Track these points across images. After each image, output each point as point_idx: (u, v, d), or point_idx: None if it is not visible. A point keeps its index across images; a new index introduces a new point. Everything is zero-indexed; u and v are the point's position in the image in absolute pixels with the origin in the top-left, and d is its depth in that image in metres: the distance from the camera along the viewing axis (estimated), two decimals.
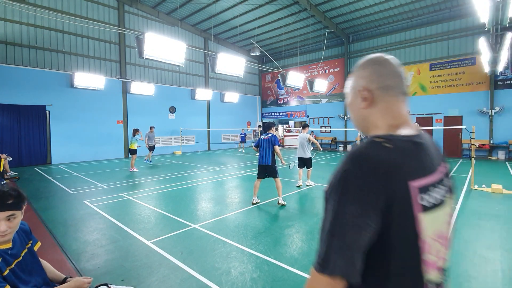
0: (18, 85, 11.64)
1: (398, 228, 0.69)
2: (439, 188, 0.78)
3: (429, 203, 0.73)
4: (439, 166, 0.82)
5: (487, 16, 6.12)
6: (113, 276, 2.96)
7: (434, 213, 0.75)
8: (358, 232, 0.66)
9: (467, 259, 3.24)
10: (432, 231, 0.75)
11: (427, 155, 0.78)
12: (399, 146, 0.73)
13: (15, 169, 10.44)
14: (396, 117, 0.84)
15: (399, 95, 0.85)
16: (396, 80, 0.85)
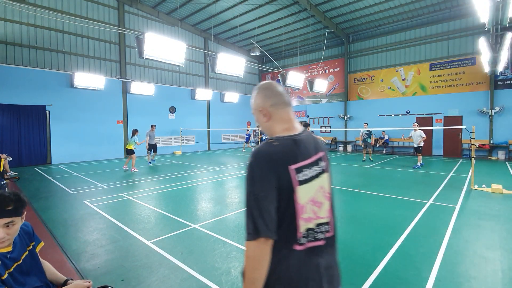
0: (18, 85, 11.64)
1: (284, 196, 1.07)
2: (312, 168, 1.17)
3: (303, 179, 1.12)
4: (314, 154, 1.22)
5: (487, 16, 6.12)
6: (113, 276, 2.96)
7: (308, 184, 1.13)
8: (267, 204, 1.03)
9: (467, 259, 3.24)
10: (307, 198, 1.13)
11: (303, 147, 1.17)
12: (283, 143, 1.13)
13: (15, 169, 10.44)
14: (285, 123, 1.24)
15: (285, 107, 1.25)
16: (279, 97, 1.25)
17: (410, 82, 15.54)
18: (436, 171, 9.56)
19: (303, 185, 1.11)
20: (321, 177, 1.21)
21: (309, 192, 1.14)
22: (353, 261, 3.21)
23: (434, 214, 4.89)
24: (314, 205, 1.16)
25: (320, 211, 1.19)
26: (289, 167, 1.09)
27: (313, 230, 1.15)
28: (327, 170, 1.27)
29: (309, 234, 1.14)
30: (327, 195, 1.23)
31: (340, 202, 5.79)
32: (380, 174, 9.23)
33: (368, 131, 12.43)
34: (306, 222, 1.13)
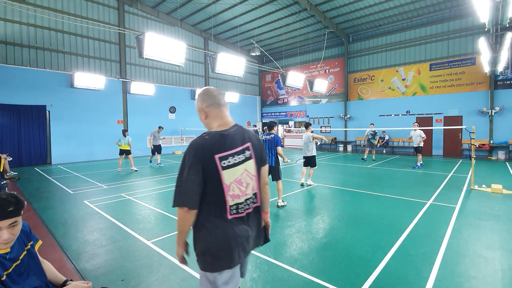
0: (18, 85, 11.64)
1: (210, 178, 1.42)
2: (236, 156, 1.49)
3: (227, 165, 1.45)
4: (241, 145, 1.52)
5: (487, 16, 6.12)
6: (113, 276, 2.95)
7: (232, 169, 1.47)
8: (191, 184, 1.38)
9: (467, 259, 3.24)
10: (232, 179, 1.47)
11: (229, 140, 1.49)
12: (212, 137, 1.46)
13: (15, 169, 10.44)
14: (219, 120, 1.57)
15: (218, 107, 1.59)
16: (213, 99, 1.58)
17: (410, 82, 15.54)
18: (436, 171, 9.56)
19: (227, 169, 1.46)
20: (246, 163, 1.55)
21: (234, 175, 1.49)
22: (353, 261, 3.21)
23: (434, 214, 4.89)
24: (240, 185, 1.51)
25: (247, 189, 1.56)
26: (215, 156, 1.43)
27: (242, 203, 1.53)
28: (252, 157, 1.59)
29: (238, 207, 1.51)
30: (252, 176, 1.58)
31: (340, 202, 5.79)
32: (380, 174, 9.23)
33: (373, 132, 12.62)
34: (233, 198, 1.49)
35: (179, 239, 1.53)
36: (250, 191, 1.57)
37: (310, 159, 7.29)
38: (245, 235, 1.53)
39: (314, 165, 7.34)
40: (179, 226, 1.49)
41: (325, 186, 7.35)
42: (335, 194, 6.48)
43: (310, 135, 7.25)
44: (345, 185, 7.35)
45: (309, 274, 2.92)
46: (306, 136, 7.30)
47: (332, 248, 3.58)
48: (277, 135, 5.52)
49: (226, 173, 1.45)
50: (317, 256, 3.36)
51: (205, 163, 1.41)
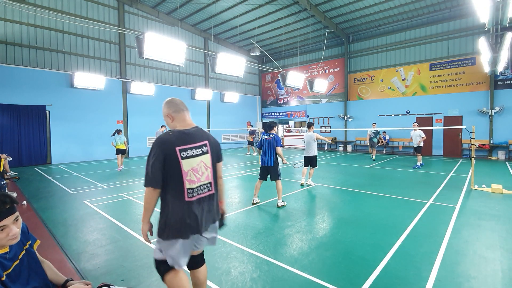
0: (18, 85, 11.64)
1: (171, 166, 1.79)
2: (194, 150, 1.89)
3: (186, 156, 1.83)
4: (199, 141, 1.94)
5: (487, 16, 6.12)
6: (113, 276, 2.95)
7: (190, 159, 1.85)
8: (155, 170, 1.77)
9: (467, 259, 3.24)
10: (189, 167, 1.85)
11: (189, 137, 1.90)
12: (175, 134, 1.86)
13: (15, 169, 10.44)
14: (182, 122, 1.98)
15: (181, 112, 1.99)
16: (177, 106, 1.99)
17: (410, 82, 15.54)
18: (436, 171, 9.56)
19: (186, 159, 1.84)
20: (203, 156, 1.95)
21: (191, 164, 1.87)
22: (353, 261, 3.21)
23: (434, 214, 4.88)
24: (196, 173, 1.89)
25: (202, 177, 1.93)
26: (176, 148, 1.82)
27: (196, 188, 1.90)
28: (209, 152, 2.00)
29: (193, 191, 1.88)
30: (208, 167, 1.97)
31: (340, 202, 5.79)
32: (380, 174, 9.23)
33: (375, 131, 12.82)
34: (190, 183, 1.86)
35: (145, 217, 1.92)
36: (205, 179, 1.96)
37: (311, 159, 7.27)
38: (198, 215, 1.89)
39: (315, 165, 7.32)
40: (146, 204, 1.88)
41: (325, 186, 7.35)
42: (335, 194, 6.48)
43: (313, 135, 7.22)
44: (345, 185, 7.35)
45: (309, 274, 2.92)
46: (309, 136, 7.26)
47: (332, 248, 3.58)
48: (277, 135, 5.50)
49: (185, 162, 1.85)
50: (317, 256, 3.36)
51: (168, 154, 1.81)
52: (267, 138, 5.48)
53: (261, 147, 5.57)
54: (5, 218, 1.37)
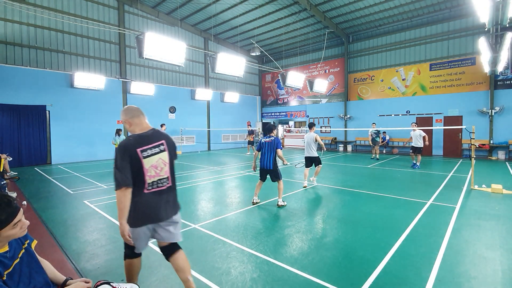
0: (18, 85, 11.64)
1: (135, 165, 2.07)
2: (153, 149, 2.16)
3: (146, 155, 2.11)
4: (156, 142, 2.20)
5: (487, 16, 6.12)
6: (113, 276, 2.96)
7: (149, 158, 2.13)
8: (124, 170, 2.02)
9: (467, 259, 3.24)
10: (150, 164, 2.13)
11: (146, 139, 2.17)
12: (134, 138, 2.15)
13: (15, 169, 10.44)
14: (139, 126, 2.23)
15: (138, 117, 2.24)
16: (134, 112, 2.24)
17: (410, 82, 15.54)
18: (436, 171, 9.56)
19: (146, 158, 2.13)
20: (161, 154, 2.22)
21: (151, 162, 2.15)
22: (353, 261, 3.21)
23: (434, 214, 4.89)
24: (156, 169, 2.18)
25: (161, 172, 2.22)
26: (136, 150, 2.10)
27: (157, 181, 2.19)
28: (166, 150, 2.27)
29: (153, 184, 2.17)
30: (166, 163, 2.26)
31: (340, 202, 5.79)
32: (380, 174, 9.23)
33: (376, 131, 13.01)
34: (151, 178, 2.15)
35: (122, 217, 2.04)
36: (164, 173, 2.25)
37: (313, 159, 7.23)
38: (158, 205, 2.19)
39: (319, 163, 7.28)
40: (120, 205, 2.02)
41: (325, 186, 7.34)
42: (335, 194, 6.48)
43: (314, 136, 7.15)
44: (345, 185, 7.35)
45: (309, 274, 2.92)
46: (310, 137, 7.18)
47: (332, 248, 3.58)
48: (277, 137, 5.51)
49: (146, 161, 2.13)
50: (317, 256, 3.36)
51: (131, 155, 2.08)
52: (266, 141, 5.48)
53: (260, 149, 5.56)
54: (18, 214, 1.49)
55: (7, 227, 1.43)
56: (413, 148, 10.64)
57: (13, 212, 1.46)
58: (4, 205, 1.43)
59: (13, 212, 1.46)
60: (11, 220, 1.45)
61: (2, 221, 1.41)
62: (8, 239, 1.50)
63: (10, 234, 1.46)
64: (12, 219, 1.45)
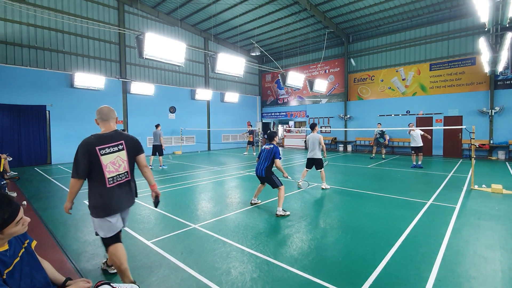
0: (18, 85, 11.64)
1: (93, 161, 2.38)
2: (111, 148, 2.47)
3: (104, 153, 2.41)
4: (116, 141, 2.51)
5: (487, 16, 6.12)
6: (113, 276, 2.96)
7: (108, 155, 2.44)
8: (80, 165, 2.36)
9: (467, 259, 3.24)
10: (108, 161, 2.44)
11: (106, 138, 2.49)
12: (95, 137, 2.45)
13: (15, 169, 10.44)
14: (104, 127, 2.58)
15: (105, 120, 2.58)
16: (102, 115, 2.57)
17: (410, 82, 15.54)
18: (436, 171, 9.56)
19: (104, 155, 2.41)
20: (119, 152, 2.52)
21: (109, 159, 2.44)
22: (353, 261, 3.21)
23: (434, 214, 4.89)
24: (114, 165, 2.47)
25: (119, 168, 2.52)
26: (95, 148, 2.38)
27: (116, 176, 2.49)
28: (124, 149, 2.57)
29: (113, 179, 2.47)
30: (124, 160, 2.56)
31: (340, 202, 5.79)
32: (380, 174, 9.23)
33: (381, 131, 13.12)
34: (110, 173, 2.45)
35: (69, 198, 2.50)
36: (122, 169, 2.56)
37: (317, 161, 7.00)
38: (118, 197, 2.52)
39: (321, 167, 6.98)
40: (71, 189, 2.44)
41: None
42: (335, 194, 6.48)
43: (319, 136, 6.91)
44: (345, 185, 7.35)
45: (309, 274, 2.92)
46: (314, 137, 6.95)
47: (332, 248, 3.58)
48: (276, 146, 5.22)
49: (104, 158, 2.42)
50: (317, 256, 3.36)
51: (90, 152, 2.38)
52: (266, 148, 5.20)
53: (259, 156, 5.32)
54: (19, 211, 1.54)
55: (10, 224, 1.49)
56: (414, 148, 10.64)
57: (15, 210, 1.51)
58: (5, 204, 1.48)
59: (15, 210, 1.51)
60: (14, 218, 1.50)
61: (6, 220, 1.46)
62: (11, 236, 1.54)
63: (13, 231, 1.51)
64: (15, 217, 1.50)
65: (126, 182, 2.61)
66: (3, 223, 1.45)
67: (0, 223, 1.45)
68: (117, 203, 2.51)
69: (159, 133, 10.64)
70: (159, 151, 10.68)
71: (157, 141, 10.65)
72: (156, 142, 10.68)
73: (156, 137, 10.69)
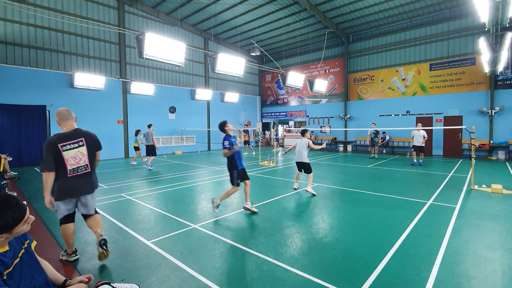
0: (18, 85, 11.64)
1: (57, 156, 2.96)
2: (71, 144, 3.05)
3: (65, 149, 3.00)
4: (76, 139, 3.09)
5: (487, 16, 6.12)
6: (113, 276, 2.96)
7: (69, 151, 3.02)
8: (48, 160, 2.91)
9: (467, 259, 3.24)
10: (69, 156, 3.03)
11: (68, 136, 3.08)
12: (57, 135, 3.06)
13: (15, 169, 10.44)
14: (66, 127, 3.16)
15: (66, 120, 3.17)
16: (62, 116, 3.17)
17: (410, 82, 15.54)
18: (436, 171, 9.56)
19: (66, 151, 2.93)
20: (79, 148, 3.03)
21: (70, 154, 2.97)
22: (353, 261, 3.21)
23: (434, 214, 4.89)
24: (74, 159, 3.00)
25: (80, 161, 3.04)
26: (57, 145, 2.91)
27: (76, 168, 3.02)
28: (84, 145, 3.09)
29: (74, 170, 3.00)
30: (84, 155, 3.09)
31: (340, 202, 5.79)
32: (380, 174, 9.23)
33: (375, 131, 13.14)
34: (71, 166, 2.98)
35: (46, 192, 2.90)
36: (82, 162, 3.12)
37: (304, 165, 6.92)
38: (77, 185, 3.08)
39: (310, 171, 6.85)
40: (45, 182, 2.88)
41: (325, 186, 7.35)
42: (335, 194, 6.48)
43: (307, 142, 6.89)
44: (345, 185, 7.35)
45: (309, 274, 2.92)
46: (303, 143, 6.94)
47: (332, 248, 3.58)
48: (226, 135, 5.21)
49: (65, 153, 2.98)
50: (317, 256, 3.36)
51: (53, 149, 2.92)
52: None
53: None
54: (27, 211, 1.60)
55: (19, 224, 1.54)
56: (415, 147, 11.02)
57: (24, 210, 1.56)
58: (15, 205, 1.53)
59: (23, 210, 1.56)
60: (23, 218, 1.55)
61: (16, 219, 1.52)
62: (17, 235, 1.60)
63: (20, 230, 1.57)
64: (24, 217, 1.56)
65: (86, 173, 3.15)
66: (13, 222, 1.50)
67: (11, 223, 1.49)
68: (74, 191, 3.07)
69: (151, 132, 10.70)
70: (152, 151, 10.69)
71: (150, 141, 10.67)
72: (148, 142, 10.69)
73: (148, 137, 10.71)
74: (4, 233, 1.49)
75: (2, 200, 1.50)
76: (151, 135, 10.66)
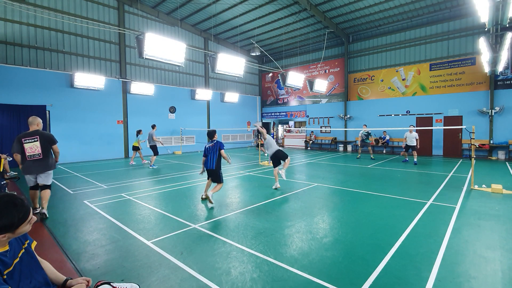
0: (18, 85, 11.64)
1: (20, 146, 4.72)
2: (29, 139, 4.74)
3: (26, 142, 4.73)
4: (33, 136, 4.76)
5: (487, 16, 6.12)
6: (113, 276, 2.96)
7: (27, 144, 4.72)
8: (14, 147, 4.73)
9: (467, 259, 3.24)
10: (28, 147, 4.73)
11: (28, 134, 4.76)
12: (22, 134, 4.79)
13: (15, 169, 10.42)
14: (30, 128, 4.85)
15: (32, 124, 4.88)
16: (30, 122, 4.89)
17: (410, 82, 15.54)
18: (436, 171, 9.56)
19: (26, 143, 4.67)
20: (34, 142, 4.70)
21: (28, 145, 4.68)
22: (353, 261, 3.21)
23: (434, 214, 4.89)
24: (31, 149, 4.69)
25: (35, 151, 4.72)
26: (21, 139, 4.67)
27: (32, 155, 4.71)
28: (38, 140, 4.72)
29: (31, 156, 4.70)
30: (38, 146, 4.72)
31: (340, 202, 5.79)
32: (380, 174, 9.23)
33: (367, 132, 13.16)
34: (28, 153, 4.69)
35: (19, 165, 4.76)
36: (36, 151, 4.68)
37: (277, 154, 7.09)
38: (34, 166, 4.71)
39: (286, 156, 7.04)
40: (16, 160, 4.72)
41: (325, 186, 7.35)
42: (335, 194, 6.48)
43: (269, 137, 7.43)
44: (345, 185, 7.35)
45: (309, 274, 2.92)
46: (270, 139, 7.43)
47: (332, 248, 3.58)
48: (219, 141, 5.93)
49: (26, 145, 4.63)
50: (317, 256, 3.36)
51: (19, 141, 4.63)
52: (210, 146, 5.86)
53: (206, 155, 5.91)
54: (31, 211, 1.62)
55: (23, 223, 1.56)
56: (407, 147, 11.67)
57: (28, 210, 1.58)
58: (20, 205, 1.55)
59: (28, 210, 1.58)
60: (27, 217, 1.58)
61: (20, 219, 1.54)
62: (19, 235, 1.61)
63: (23, 230, 1.59)
64: (27, 216, 1.58)
65: (39, 159, 4.71)
66: (18, 222, 1.52)
67: (16, 222, 1.51)
68: (31, 169, 4.70)
69: (151, 133, 11.34)
70: (154, 150, 11.31)
71: (151, 142, 11.29)
72: (150, 142, 11.32)
73: (149, 138, 11.37)
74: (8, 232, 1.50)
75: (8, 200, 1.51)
76: (152, 135, 11.25)
